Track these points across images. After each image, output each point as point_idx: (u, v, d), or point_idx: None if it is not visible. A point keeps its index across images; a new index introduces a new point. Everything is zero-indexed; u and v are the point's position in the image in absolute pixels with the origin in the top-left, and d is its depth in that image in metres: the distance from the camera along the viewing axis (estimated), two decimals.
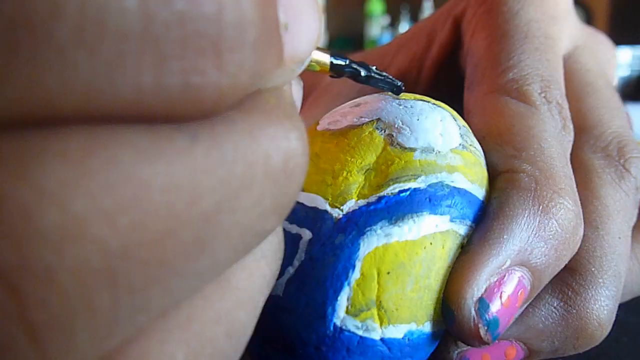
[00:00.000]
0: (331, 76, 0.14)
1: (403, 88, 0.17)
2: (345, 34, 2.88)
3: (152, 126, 0.07)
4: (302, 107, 0.28)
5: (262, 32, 0.08)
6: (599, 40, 0.24)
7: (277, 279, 0.14)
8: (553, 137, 0.17)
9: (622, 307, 0.18)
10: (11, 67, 0.06)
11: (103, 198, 0.07)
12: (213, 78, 0.07)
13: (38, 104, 0.06)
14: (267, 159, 0.08)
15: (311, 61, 0.13)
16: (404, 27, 2.67)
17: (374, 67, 0.15)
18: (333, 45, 2.82)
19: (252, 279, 0.10)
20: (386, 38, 2.64)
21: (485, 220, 0.15)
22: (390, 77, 0.16)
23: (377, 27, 2.71)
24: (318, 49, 0.13)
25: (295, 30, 0.09)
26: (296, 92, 0.12)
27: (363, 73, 0.15)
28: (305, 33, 0.09)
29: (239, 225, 0.08)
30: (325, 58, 0.13)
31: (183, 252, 0.08)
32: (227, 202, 0.08)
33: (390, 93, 0.17)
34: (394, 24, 2.75)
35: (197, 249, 0.08)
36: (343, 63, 0.14)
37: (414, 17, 2.69)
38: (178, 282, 0.08)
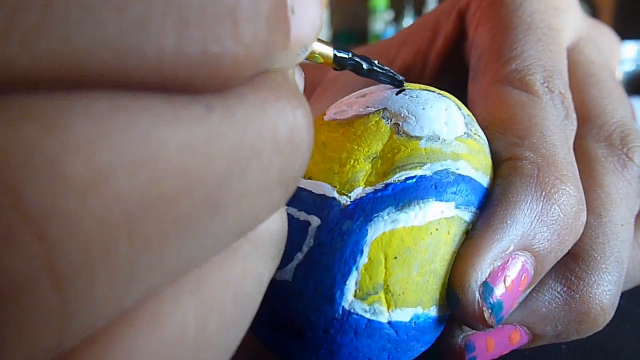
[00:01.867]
0: (334, 68, 0.15)
1: (404, 82, 0.17)
2: (349, 29, 2.87)
3: (170, 95, 0.08)
4: (308, 100, 0.28)
5: (274, 7, 0.09)
6: (603, 32, 0.24)
7: (286, 264, 0.14)
8: (555, 125, 0.17)
9: (624, 295, 0.18)
10: (43, 24, 0.07)
11: (123, 154, 0.07)
12: (230, 47, 0.08)
13: (67, 62, 0.07)
14: (274, 131, 0.09)
15: (315, 53, 0.13)
16: (407, 22, 2.66)
17: (376, 61, 0.16)
18: (337, 40, 2.81)
19: (257, 253, 0.11)
20: (390, 33, 2.63)
21: (489, 206, 0.15)
22: (392, 70, 0.16)
23: (381, 22, 2.71)
24: (322, 41, 0.14)
25: (300, 14, 0.10)
26: (298, 80, 0.12)
27: (365, 66, 0.15)
28: (309, 19, 0.10)
29: (249, 193, 0.09)
30: (329, 50, 0.14)
31: (196, 213, 0.08)
32: (237, 167, 0.08)
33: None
34: (397, 19, 2.74)
35: (210, 212, 0.08)
36: (346, 56, 0.15)
37: (418, 12, 2.68)
38: (191, 243, 0.08)
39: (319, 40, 0.13)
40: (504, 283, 0.14)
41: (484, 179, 0.16)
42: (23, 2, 0.06)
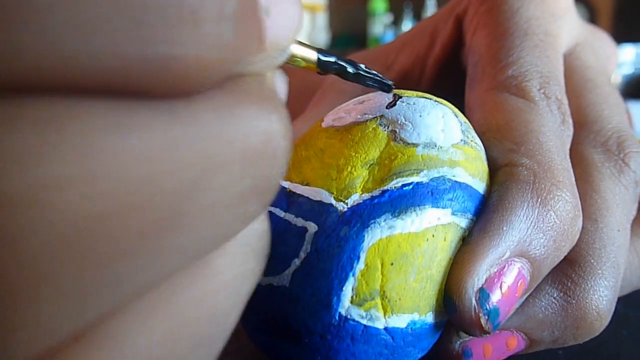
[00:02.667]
0: (318, 72, 0.14)
1: (393, 86, 0.16)
2: (348, 32, 2.88)
3: (130, 100, 0.07)
4: (308, 104, 0.28)
5: (242, 9, 0.08)
6: (599, 37, 0.24)
7: (284, 270, 0.14)
8: (552, 131, 0.17)
9: (621, 300, 0.19)
10: None
11: (75, 166, 0.07)
12: (193, 50, 0.07)
13: (14, 68, 0.06)
14: (246, 138, 0.08)
15: (297, 57, 0.13)
16: (406, 25, 2.67)
17: (362, 65, 0.15)
18: (336, 43, 2.82)
19: (235, 265, 0.10)
20: (389, 36, 2.64)
21: (485, 212, 0.15)
22: (380, 75, 0.16)
23: (380, 25, 2.71)
24: (304, 45, 0.13)
25: (276, 15, 0.09)
26: (280, 84, 0.12)
27: (351, 70, 0.15)
28: (286, 20, 0.10)
29: (218, 204, 0.08)
30: (312, 54, 0.13)
31: (157, 227, 0.08)
32: (203, 178, 0.08)
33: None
34: (396, 22, 2.75)
35: (173, 225, 0.08)
36: (331, 60, 0.14)
37: (417, 15, 2.69)
38: (154, 258, 0.08)
39: (301, 43, 0.13)
40: (501, 289, 0.14)
41: (480, 186, 0.16)
42: None
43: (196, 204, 0.08)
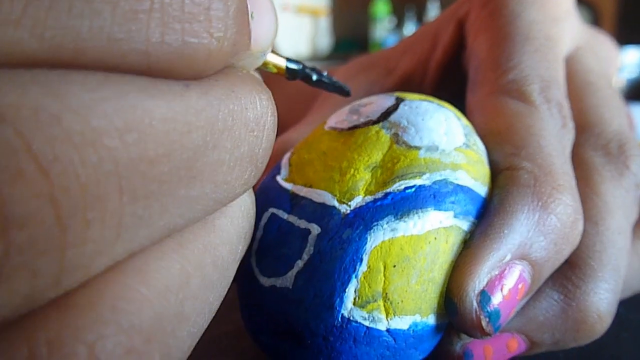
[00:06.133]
0: (287, 78, 0.16)
1: (350, 92, 0.18)
2: (350, 36, 2.88)
3: (153, 76, 0.09)
4: (311, 108, 0.28)
5: (239, 10, 0.10)
6: (601, 41, 0.24)
7: (287, 272, 0.15)
8: (552, 135, 0.17)
9: (622, 303, 0.19)
10: (49, 14, 0.08)
11: (114, 118, 0.08)
12: (205, 40, 0.10)
13: (68, 47, 0.08)
14: (244, 110, 0.11)
15: (270, 63, 0.15)
16: (409, 28, 2.68)
17: (325, 73, 0.17)
18: (338, 47, 2.82)
19: (232, 225, 0.12)
20: (391, 40, 2.64)
21: (486, 216, 0.15)
22: (339, 82, 0.18)
23: (383, 29, 2.72)
24: (275, 53, 0.15)
25: (258, 20, 0.12)
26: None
27: (314, 77, 0.17)
28: (266, 24, 0.12)
29: (222, 163, 0.10)
30: (282, 62, 0.15)
31: (177, 175, 0.09)
32: (212, 139, 0.10)
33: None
34: (399, 25, 2.75)
35: (189, 176, 0.10)
36: (297, 67, 0.16)
37: (420, 19, 2.69)
38: (173, 204, 0.10)
39: (273, 52, 0.15)
40: (502, 292, 0.14)
41: (482, 189, 0.16)
42: None
43: (206, 160, 0.10)
